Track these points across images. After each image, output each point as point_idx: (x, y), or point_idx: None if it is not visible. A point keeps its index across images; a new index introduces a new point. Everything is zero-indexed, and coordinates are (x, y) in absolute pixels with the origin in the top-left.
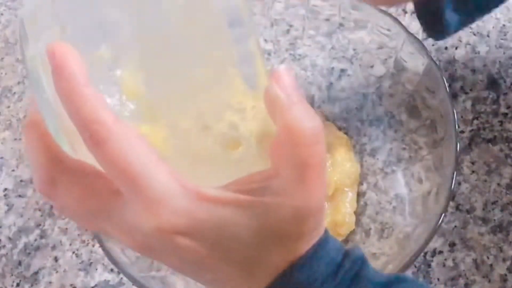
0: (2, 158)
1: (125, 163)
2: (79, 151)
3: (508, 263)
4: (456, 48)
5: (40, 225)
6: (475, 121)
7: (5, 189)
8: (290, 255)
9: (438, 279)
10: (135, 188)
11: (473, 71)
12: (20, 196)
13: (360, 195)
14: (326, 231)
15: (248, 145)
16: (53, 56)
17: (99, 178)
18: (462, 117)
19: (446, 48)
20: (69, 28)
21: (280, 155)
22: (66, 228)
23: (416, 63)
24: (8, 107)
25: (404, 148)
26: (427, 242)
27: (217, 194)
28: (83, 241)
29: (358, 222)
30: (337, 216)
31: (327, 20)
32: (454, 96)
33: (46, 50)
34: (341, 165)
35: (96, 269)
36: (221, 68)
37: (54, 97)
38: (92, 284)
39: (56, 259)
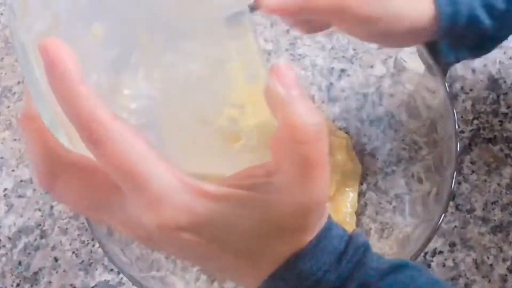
0: (2, 158)
1: (125, 162)
2: (77, 144)
3: (508, 263)
4: None
5: (40, 225)
6: (475, 121)
7: (5, 189)
8: (293, 246)
9: None
10: (135, 186)
11: (473, 71)
12: (20, 196)
13: (360, 195)
14: (329, 218)
15: (248, 139)
16: (46, 53)
17: (99, 172)
18: (462, 117)
19: None
20: (60, 14)
21: (281, 151)
22: (66, 228)
23: (416, 63)
24: (8, 107)
25: (404, 148)
26: (427, 242)
27: (217, 190)
28: (83, 241)
29: (358, 222)
30: (338, 216)
31: None
32: (454, 96)
33: (38, 46)
34: (342, 165)
35: (96, 269)
36: (219, 63)
37: (49, 91)
38: (92, 284)
39: (56, 259)
